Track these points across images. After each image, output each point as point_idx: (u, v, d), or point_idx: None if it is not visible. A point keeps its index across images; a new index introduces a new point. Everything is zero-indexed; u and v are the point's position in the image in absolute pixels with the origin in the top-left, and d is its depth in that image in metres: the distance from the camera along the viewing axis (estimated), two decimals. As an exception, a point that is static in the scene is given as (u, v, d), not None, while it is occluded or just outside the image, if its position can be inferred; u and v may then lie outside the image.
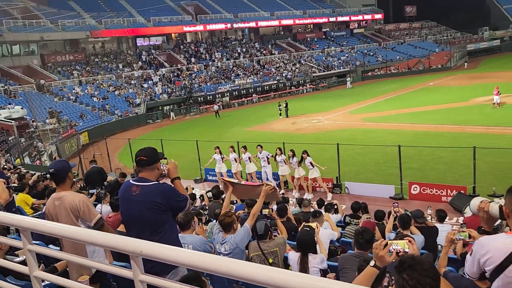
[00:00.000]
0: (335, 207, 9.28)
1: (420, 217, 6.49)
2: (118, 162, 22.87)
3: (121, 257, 4.68)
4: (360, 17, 75.22)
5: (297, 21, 68.72)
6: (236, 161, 16.04)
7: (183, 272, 3.62)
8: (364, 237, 4.42)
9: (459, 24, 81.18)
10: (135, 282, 2.37)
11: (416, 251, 2.44)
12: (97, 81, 44.84)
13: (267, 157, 15.16)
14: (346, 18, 73.68)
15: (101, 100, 40.76)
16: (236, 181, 5.28)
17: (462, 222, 6.04)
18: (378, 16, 78.33)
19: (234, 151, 16.06)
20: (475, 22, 79.14)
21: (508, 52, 67.05)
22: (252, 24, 63.71)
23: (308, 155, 13.93)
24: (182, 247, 3.99)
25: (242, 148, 15.69)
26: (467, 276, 2.76)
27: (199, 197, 11.45)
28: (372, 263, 2.48)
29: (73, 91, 41.30)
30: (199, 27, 58.89)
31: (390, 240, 2.53)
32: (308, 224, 5.09)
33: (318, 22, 71.39)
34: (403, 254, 2.35)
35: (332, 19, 72.09)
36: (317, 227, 4.97)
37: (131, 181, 3.60)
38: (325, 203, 9.54)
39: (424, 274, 1.99)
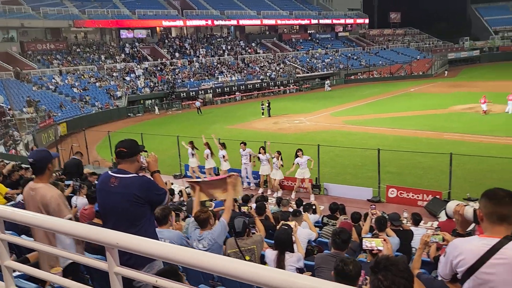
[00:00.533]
0: (313, 207, 9.36)
1: (396, 220, 6.61)
2: (96, 154, 22.51)
3: (94, 251, 4.62)
4: (345, 21, 75.95)
5: (282, 22, 68.95)
6: (209, 157, 15.88)
7: (159, 266, 3.59)
8: (341, 237, 4.47)
9: (441, 33, 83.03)
10: (110, 274, 2.34)
11: (390, 251, 2.47)
12: (78, 72, 44.01)
13: (249, 154, 15.15)
14: (331, 21, 74.29)
15: (81, 91, 40.01)
16: (200, 179, 5.23)
17: (436, 226, 6.16)
18: (363, 20, 79.28)
19: (209, 148, 15.90)
20: (457, 32, 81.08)
21: (487, 62, 68.89)
22: (235, 22, 63.40)
23: (302, 154, 13.82)
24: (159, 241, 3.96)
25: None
26: (440, 278, 2.81)
27: (178, 193, 11.37)
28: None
29: (53, 80, 40.41)
30: (179, 22, 58.18)
31: (365, 237, 2.56)
32: (286, 223, 5.11)
33: (304, 24, 71.77)
34: (378, 254, 2.37)
35: (317, 21, 72.61)
36: (295, 226, 4.99)
37: (109, 172, 3.55)
38: (304, 203, 9.60)
39: (399, 275, 2.02)
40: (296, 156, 13.77)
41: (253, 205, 7.19)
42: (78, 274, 4.10)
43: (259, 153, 14.75)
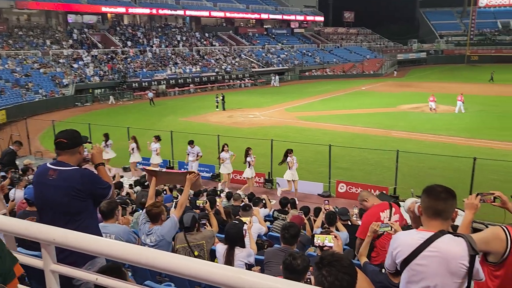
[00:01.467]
0: (263, 201, 9.38)
1: (344, 215, 6.76)
2: (39, 145, 21.36)
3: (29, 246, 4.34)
4: (300, 18, 77.01)
5: (238, 15, 68.73)
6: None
7: (101, 263, 3.41)
8: (290, 232, 4.47)
9: (392, 34, 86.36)
10: (46, 272, 2.18)
11: (340, 247, 2.49)
12: (20, 56, 41.41)
13: (197, 153, 14.86)
14: (287, 17, 75.10)
15: (23, 76, 37.69)
16: (157, 169, 5.07)
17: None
18: (318, 18, 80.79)
19: (136, 141, 15.44)
20: (406, 34, 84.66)
21: (432, 64, 72.63)
22: (182, 12, 62.10)
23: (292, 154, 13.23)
24: (102, 236, 3.76)
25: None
26: (386, 270, 2.89)
27: (128, 186, 11.02)
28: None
29: (-8, 64, 37.82)
30: (121, 9, 56.07)
31: (316, 234, 2.55)
32: (241, 219, 5.05)
33: (260, 18, 71.94)
34: (326, 249, 2.38)
35: (274, 16, 73.10)
36: (250, 223, 4.95)
37: (48, 164, 3.31)
38: (254, 197, 9.61)
39: (342, 271, 2.05)
40: (286, 156, 13.28)
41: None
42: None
43: (223, 150, 14.28)
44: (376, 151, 17.66)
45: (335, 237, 2.55)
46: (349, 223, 6.49)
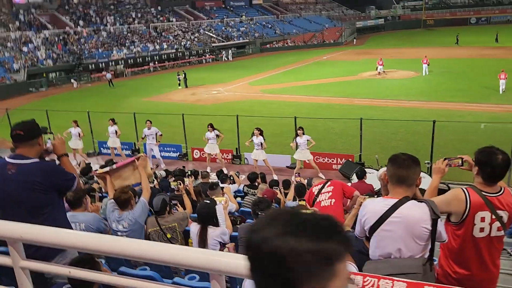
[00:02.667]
0: (231, 178, 9.41)
1: (311, 185, 6.89)
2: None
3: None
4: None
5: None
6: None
7: (72, 254, 3.36)
8: (260, 207, 4.54)
9: (350, 1, 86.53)
10: (15, 269, 2.13)
11: None
12: (-36, 42, 38.92)
13: (156, 133, 14.31)
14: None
15: (-30, 63, 35.55)
16: (107, 169, 4.97)
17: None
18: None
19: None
20: (364, 1, 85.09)
21: (390, 30, 73.75)
22: None
23: (303, 133, 12.44)
24: (71, 228, 3.69)
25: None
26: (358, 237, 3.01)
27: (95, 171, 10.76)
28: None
29: None
30: None
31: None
32: (217, 198, 5.06)
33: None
34: None
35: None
36: (226, 202, 4.97)
37: (6, 158, 3.17)
38: (221, 174, 9.63)
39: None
40: (296, 135, 12.53)
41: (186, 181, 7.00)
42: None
43: (208, 130, 13.66)
44: (340, 120, 17.97)
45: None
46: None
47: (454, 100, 21.52)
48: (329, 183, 5.00)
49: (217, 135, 13.64)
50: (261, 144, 12.83)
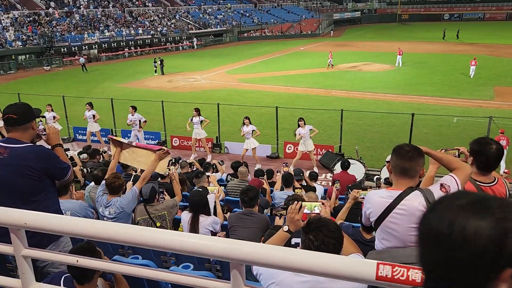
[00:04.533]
0: (214, 166, 9.38)
1: (298, 175, 6.97)
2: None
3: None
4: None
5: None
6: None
7: (65, 243, 3.29)
8: (249, 195, 4.55)
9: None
10: (17, 258, 2.07)
11: (328, 214, 2.55)
12: None
13: (140, 120, 14.14)
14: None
15: None
16: (125, 140, 4.87)
17: (335, 179, 6.65)
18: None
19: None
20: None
21: (366, 23, 74.59)
22: None
23: (305, 123, 12.17)
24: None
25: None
26: (361, 226, 3.04)
27: (69, 158, 10.47)
28: (285, 228, 2.50)
29: None
30: None
31: (304, 202, 2.60)
32: (209, 188, 5.03)
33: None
34: (314, 216, 2.43)
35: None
36: (218, 192, 4.94)
37: (-3, 142, 3.05)
38: (204, 162, 9.58)
39: (329, 235, 2.12)
40: (298, 126, 12.23)
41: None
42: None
43: (193, 116, 13.50)
44: (318, 111, 18.12)
45: (323, 204, 2.61)
46: (304, 183, 6.72)
47: (428, 94, 22.05)
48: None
49: (201, 121, 13.51)
50: (252, 131, 12.76)
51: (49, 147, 3.27)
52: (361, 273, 1.40)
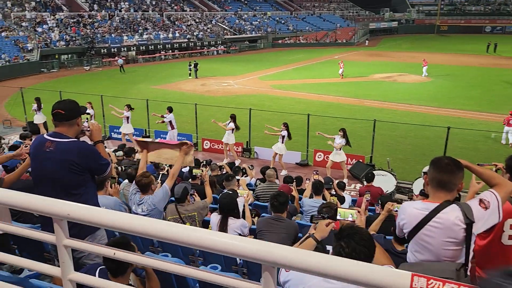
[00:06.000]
0: (243, 170, 9.45)
1: (328, 183, 6.93)
2: (6, 113, 20.50)
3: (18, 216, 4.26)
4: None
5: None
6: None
7: (101, 236, 3.41)
8: (279, 200, 4.56)
9: (364, 2, 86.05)
10: (59, 247, 2.16)
11: (362, 223, 2.53)
12: (-21, 19, 38.96)
13: (171, 121, 14.46)
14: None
15: (-16, 41, 35.61)
16: (149, 139, 5.00)
17: (362, 190, 6.58)
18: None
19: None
20: (378, 2, 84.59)
21: (403, 33, 73.33)
22: None
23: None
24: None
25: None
26: (395, 236, 2.97)
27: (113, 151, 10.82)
28: (312, 234, 2.51)
29: None
30: None
31: (339, 208, 2.60)
32: (239, 191, 5.09)
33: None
34: (348, 223, 2.42)
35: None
36: (248, 196, 4.98)
37: (45, 135, 3.21)
38: (234, 166, 9.67)
39: (361, 244, 2.10)
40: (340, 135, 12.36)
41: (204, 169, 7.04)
42: (8, 246, 3.77)
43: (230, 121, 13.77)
44: (350, 120, 17.91)
45: (358, 212, 2.59)
46: (334, 192, 6.67)
47: (464, 108, 21.42)
48: None
49: (233, 128, 13.72)
50: (283, 137, 12.85)
51: (92, 143, 3.42)
52: (395, 284, 1.39)
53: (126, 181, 6.11)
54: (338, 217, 2.70)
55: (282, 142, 12.92)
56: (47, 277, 3.28)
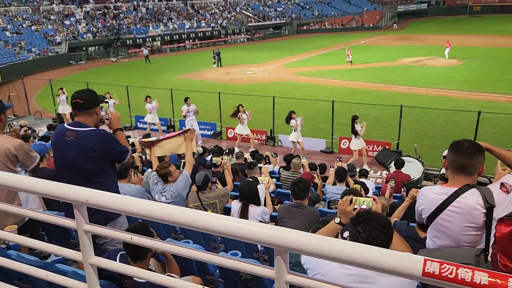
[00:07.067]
0: (266, 158, 9.44)
1: (351, 170, 6.84)
2: (36, 104, 21.17)
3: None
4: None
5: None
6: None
7: (122, 223, 3.48)
8: (300, 186, 4.54)
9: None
10: (79, 232, 2.22)
11: (379, 210, 2.49)
12: (10, 13, 40.11)
13: (194, 110, 14.57)
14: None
15: (14, 34, 36.69)
16: (153, 138, 5.10)
17: (389, 178, 6.46)
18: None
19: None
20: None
21: (433, 15, 70.86)
22: None
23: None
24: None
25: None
26: (416, 223, 2.92)
27: (130, 145, 11.03)
28: (337, 220, 2.48)
29: (-19, 22, 36.66)
30: None
31: (354, 196, 2.56)
32: (258, 178, 5.11)
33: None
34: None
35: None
36: (268, 183, 4.99)
37: (65, 125, 3.29)
38: (257, 154, 9.67)
39: (377, 229, 2.06)
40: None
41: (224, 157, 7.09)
42: (37, 232, 3.91)
43: (239, 111, 13.86)
44: (376, 106, 17.59)
45: (374, 200, 2.54)
46: (358, 180, 6.58)
47: (498, 92, 20.62)
48: None
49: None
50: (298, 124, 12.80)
51: (111, 131, 3.48)
52: (407, 268, 1.36)
53: (150, 170, 6.21)
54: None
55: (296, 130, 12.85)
56: (74, 262, 3.40)
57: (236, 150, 12.67)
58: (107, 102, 4.05)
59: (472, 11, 70.27)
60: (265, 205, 5.00)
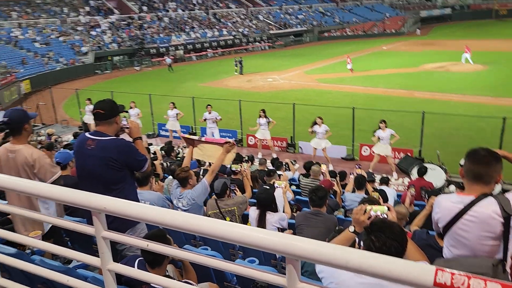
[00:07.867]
0: (286, 165, 9.42)
1: (370, 177, 6.77)
2: (63, 113, 21.77)
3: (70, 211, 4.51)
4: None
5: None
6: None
7: (141, 230, 3.55)
8: (318, 194, 4.52)
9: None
10: (98, 239, 2.28)
11: (394, 218, 2.46)
12: (39, 25, 41.51)
13: (216, 118, 14.75)
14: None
15: (43, 45, 37.93)
16: (196, 137, 5.14)
17: (409, 184, 6.36)
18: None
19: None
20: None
21: (458, 20, 69.51)
22: None
23: (386, 126, 12.07)
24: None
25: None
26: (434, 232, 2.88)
27: (152, 153, 11.21)
28: (351, 228, 2.47)
29: (12, 34, 38.01)
30: None
31: (369, 205, 2.54)
32: (272, 182, 5.12)
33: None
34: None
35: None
36: (285, 187, 5.00)
37: (86, 134, 3.39)
38: (276, 161, 9.66)
39: (391, 237, 2.04)
40: (379, 128, 12.16)
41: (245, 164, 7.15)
42: (60, 237, 4.02)
43: (259, 116, 13.96)
44: (398, 113, 17.33)
45: (388, 209, 2.50)
46: (377, 187, 6.50)
47: (526, 97, 20.05)
48: None
49: (268, 122, 13.85)
50: (326, 131, 12.80)
51: (131, 140, 3.56)
52: (417, 278, 1.35)
53: (171, 177, 6.31)
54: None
55: (324, 137, 12.73)
56: (96, 268, 3.48)
57: (260, 156, 12.78)
58: (127, 112, 4.14)
59: (498, 15, 68.65)
60: (282, 210, 5.00)
